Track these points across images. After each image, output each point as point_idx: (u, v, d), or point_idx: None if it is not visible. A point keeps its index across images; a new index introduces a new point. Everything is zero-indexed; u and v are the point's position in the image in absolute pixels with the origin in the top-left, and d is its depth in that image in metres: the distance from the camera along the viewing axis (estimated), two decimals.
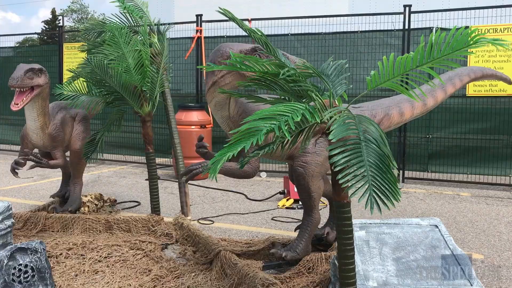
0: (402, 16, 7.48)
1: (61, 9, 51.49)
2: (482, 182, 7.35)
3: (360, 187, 1.84)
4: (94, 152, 4.67)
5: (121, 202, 6.01)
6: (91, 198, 5.41)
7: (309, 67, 2.41)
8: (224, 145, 2.04)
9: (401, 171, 7.69)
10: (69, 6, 51.62)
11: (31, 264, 3.11)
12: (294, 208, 5.85)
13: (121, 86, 4.36)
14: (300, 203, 6.00)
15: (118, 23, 4.94)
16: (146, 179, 7.83)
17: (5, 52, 11.75)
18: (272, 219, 5.35)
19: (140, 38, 4.76)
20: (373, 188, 1.78)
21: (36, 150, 5.04)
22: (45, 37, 37.42)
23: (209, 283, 3.43)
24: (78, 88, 4.64)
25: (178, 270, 3.64)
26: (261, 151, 2.21)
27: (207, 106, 8.32)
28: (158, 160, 9.64)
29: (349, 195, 1.98)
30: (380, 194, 1.79)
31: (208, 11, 9.09)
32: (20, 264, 3.08)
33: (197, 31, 8.46)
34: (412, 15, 7.45)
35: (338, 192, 2.34)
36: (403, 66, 2.25)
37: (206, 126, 7.95)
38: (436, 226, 3.26)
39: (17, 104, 4.25)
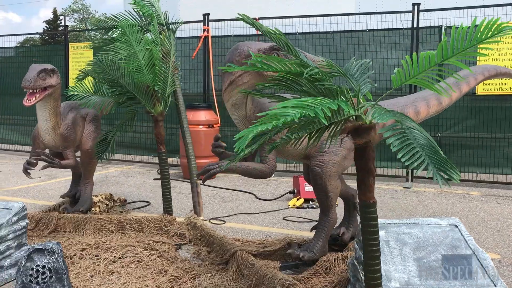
0: (410, 14, 7.44)
1: (62, 9, 51.50)
2: (492, 181, 7.32)
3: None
4: (106, 152, 4.64)
5: (131, 202, 5.99)
6: (102, 198, 5.39)
7: (333, 66, 2.38)
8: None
9: (410, 171, 7.65)
10: (70, 6, 51.69)
11: (49, 265, 3.08)
12: (305, 208, 5.82)
13: (133, 86, 4.34)
14: (310, 202, 5.98)
15: (128, 19, 4.90)
16: (154, 179, 7.83)
17: (7, 52, 11.74)
18: (283, 219, 5.33)
19: (151, 37, 4.73)
20: (433, 164, 1.77)
21: (46, 150, 5.02)
22: (47, 37, 37.46)
23: (226, 284, 3.40)
24: (89, 88, 4.62)
25: (194, 270, 3.61)
26: (280, 141, 2.17)
27: (214, 105, 8.34)
28: (170, 160, 9.63)
29: (416, 171, 1.95)
30: (440, 170, 1.77)
31: (212, 9, 9.09)
32: (38, 265, 3.06)
33: (204, 30, 8.43)
34: (420, 13, 7.41)
35: (364, 191, 2.31)
36: (427, 62, 2.22)
37: (214, 125, 7.93)
38: (456, 226, 3.24)
39: (30, 100, 4.22)
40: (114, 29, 4.90)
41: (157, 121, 4.58)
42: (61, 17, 50.54)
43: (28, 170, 4.62)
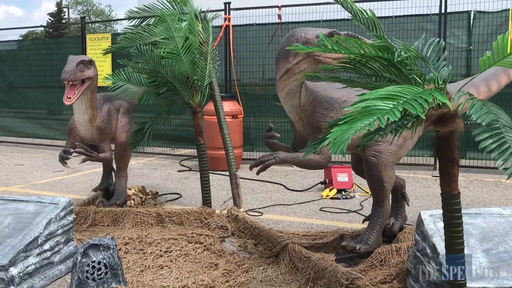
0: (438, 0, 7.29)
1: (66, 1, 51.14)
2: None
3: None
4: (141, 143, 4.56)
5: (162, 195, 5.92)
6: (135, 191, 5.31)
7: (412, 50, 2.28)
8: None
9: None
10: None
11: (104, 261, 3.02)
12: (339, 198, 5.73)
13: (173, 76, 4.24)
14: (343, 193, 5.90)
15: (162, 9, 4.79)
16: (178, 171, 7.75)
17: (14, 45, 11.66)
18: (320, 209, 5.25)
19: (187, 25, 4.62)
20: None
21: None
22: (51, 30, 37.32)
23: (280, 277, 3.33)
24: (126, 77, 4.52)
25: (245, 264, 3.54)
26: (372, 136, 2.07)
27: (237, 96, 8.23)
28: (186, 151, 9.57)
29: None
30: None
31: None
32: (94, 261, 3.00)
33: (225, 19, 8.30)
34: None
35: (448, 183, 2.22)
36: None
37: (238, 116, 7.83)
38: None
39: (70, 98, 4.15)
40: (148, 19, 4.78)
41: (196, 112, 4.49)
42: (65, 10, 50.33)
43: (65, 160, 4.55)
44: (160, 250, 3.85)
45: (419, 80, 2.20)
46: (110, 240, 3.08)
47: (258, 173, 3.21)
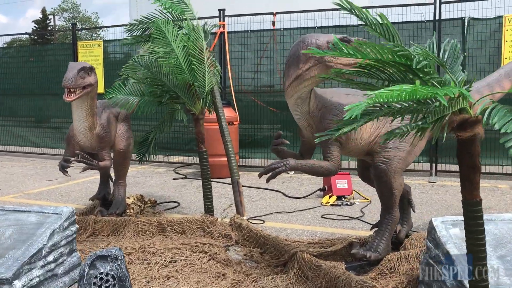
0: (432, 7, 7.35)
1: (52, 8, 50.72)
2: None
3: None
4: (147, 153, 4.49)
5: (161, 203, 5.84)
6: (134, 199, 5.24)
7: (430, 55, 2.26)
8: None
9: (433, 164, 7.58)
10: (60, 5, 51.01)
11: (112, 273, 2.94)
12: (340, 205, 5.70)
13: (175, 84, 4.18)
14: (343, 199, 5.87)
15: (162, 18, 4.74)
16: (174, 179, 7.66)
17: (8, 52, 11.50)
18: (322, 216, 5.21)
19: (185, 33, 4.58)
20: None
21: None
22: (36, 37, 36.94)
23: (290, 287, 3.27)
24: (129, 90, 4.44)
25: (253, 273, 3.48)
26: (399, 131, 2.04)
27: (233, 103, 8.18)
28: (180, 159, 9.48)
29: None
30: None
31: (226, 4, 8.91)
32: (101, 273, 2.91)
33: (219, 26, 8.27)
34: (442, 5, 7.31)
35: (470, 189, 2.20)
36: None
37: (234, 123, 7.78)
38: None
39: (70, 95, 4.07)
40: (148, 30, 4.74)
41: (198, 119, 4.43)
42: (51, 17, 49.88)
43: (66, 168, 4.46)
44: (165, 260, 3.77)
45: (438, 86, 2.18)
46: (118, 251, 3.00)
47: (268, 180, 3.16)
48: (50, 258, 3.19)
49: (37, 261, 3.07)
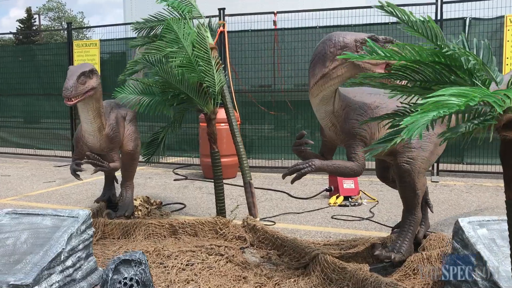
0: (433, 6, 7.36)
1: (37, 7, 49.97)
2: None
3: None
4: (155, 154, 4.40)
5: (166, 204, 5.74)
6: (141, 201, 5.14)
7: (471, 54, 2.22)
8: None
9: (435, 164, 7.59)
10: (45, 4, 50.36)
11: (136, 277, 2.86)
12: (348, 205, 5.67)
13: (186, 86, 4.10)
14: (350, 200, 5.83)
15: (171, 17, 4.66)
16: (174, 180, 7.56)
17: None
18: (332, 217, 5.16)
19: (196, 31, 4.50)
20: None
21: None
22: (21, 36, 36.38)
23: None
24: (138, 90, 4.34)
25: (275, 276, 3.41)
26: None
27: (234, 102, 8.10)
28: (176, 159, 9.37)
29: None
30: None
31: (225, 3, 8.83)
32: (125, 278, 2.83)
33: (220, 25, 8.18)
34: (444, 5, 7.33)
35: None
36: None
37: None
38: None
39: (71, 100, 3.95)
40: (154, 29, 4.65)
41: (210, 119, 4.35)
42: (35, 16, 49.20)
43: (77, 172, 4.34)
44: (181, 264, 3.68)
45: (483, 86, 2.14)
46: (142, 255, 2.92)
47: (292, 182, 3.09)
48: (69, 262, 3.09)
49: (56, 266, 2.97)
